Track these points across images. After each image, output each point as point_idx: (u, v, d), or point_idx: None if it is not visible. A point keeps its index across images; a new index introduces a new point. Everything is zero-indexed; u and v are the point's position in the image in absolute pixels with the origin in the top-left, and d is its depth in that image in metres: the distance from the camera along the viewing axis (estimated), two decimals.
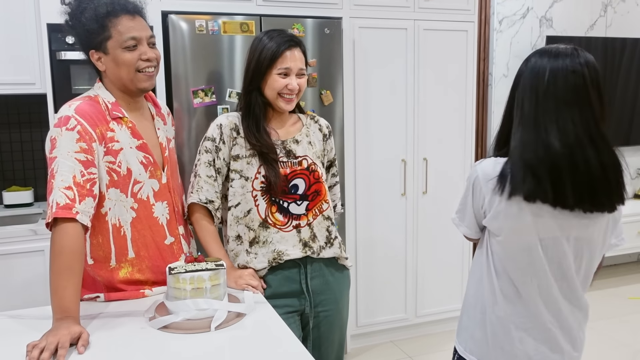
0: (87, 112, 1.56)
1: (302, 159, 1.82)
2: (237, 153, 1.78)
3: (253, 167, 1.77)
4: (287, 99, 1.77)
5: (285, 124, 1.86)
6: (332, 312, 1.87)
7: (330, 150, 1.96)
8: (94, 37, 1.58)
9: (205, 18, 2.71)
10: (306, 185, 1.81)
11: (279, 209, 1.78)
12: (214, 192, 1.78)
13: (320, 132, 1.93)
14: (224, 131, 1.78)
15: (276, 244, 1.77)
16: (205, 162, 1.78)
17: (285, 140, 1.82)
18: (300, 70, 1.78)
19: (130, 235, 1.64)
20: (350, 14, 3.03)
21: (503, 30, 4.22)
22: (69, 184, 1.47)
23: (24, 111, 3.17)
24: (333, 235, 1.87)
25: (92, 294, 1.64)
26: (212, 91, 2.75)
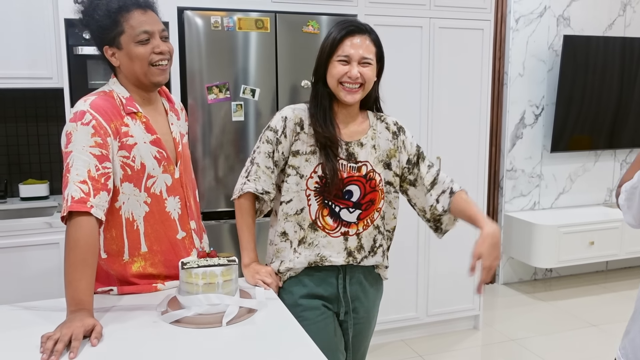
0: (102, 107, 1.57)
1: (362, 164, 1.74)
2: (297, 149, 1.72)
3: (311, 164, 1.71)
4: (348, 89, 1.67)
5: (351, 124, 1.77)
6: (363, 321, 1.84)
7: (410, 146, 1.82)
8: (108, 33, 1.60)
9: (220, 14, 2.72)
10: (361, 193, 1.74)
11: (330, 212, 1.72)
12: (271, 184, 1.74)
13: (388, 131, 1.81)
14: (288, 124, 1.72)
15: (321, 248, 1.72)
16: (265, 152, 1.73)
17: (349, 142, 1.74)
18: (363, 59, 1.67)
19: (143, 230, 1.65)
20: (366, 12, 3.02)
21: (519, 29, 4.19)
22: (84, 178, 1.48)
23: (41, 105, 3.20)
24: (378, 243, 1.80)
25: (105, 287, 1.66)
26: (227, 87, 2.76)
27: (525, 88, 4.27)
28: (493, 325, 3.68)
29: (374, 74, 1.73)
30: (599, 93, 4.33)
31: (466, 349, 3.36)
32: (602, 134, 4.45)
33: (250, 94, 2.79)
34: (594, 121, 4.38)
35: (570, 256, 4.12)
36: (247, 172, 1.76)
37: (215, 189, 2.83)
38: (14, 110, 3.16)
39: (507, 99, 4.25)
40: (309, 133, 1.72)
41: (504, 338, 3.50)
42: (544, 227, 4.04)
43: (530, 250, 4.13)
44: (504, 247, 4.41)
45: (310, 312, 1.72)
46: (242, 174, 1.78)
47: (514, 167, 4.35)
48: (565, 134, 4.31)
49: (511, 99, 4.25)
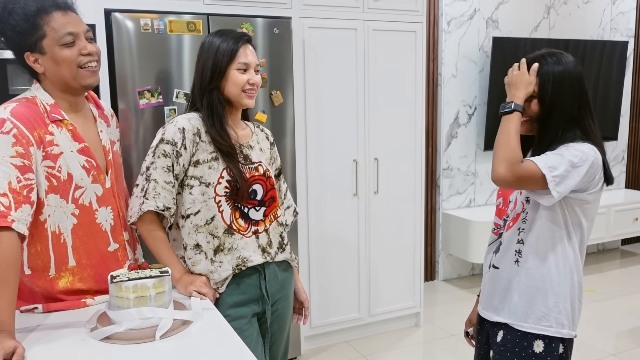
0: (24, 114, 1.49)
1: (257, 164, 1.82)
2: (198, 158, 1.72)
3: (215, 171, 1.73)
4: (250, 94, 1.77)
5: (238, 128, 1.84)
6: (284, 309, 1.92)
7: (277, 158, 1.99)
8: (27, 38, 1.52)
9: (150, 17, 2.64)
10: (264, 190, 1.81)
11: (241, 214, 1.76)
12: (172, 199, 1.71)
13: (267, 141, 1.94)
14: (187, 136, 1.70)
15: (241, 250, 1.75)
16: (162, 167, 1.69)
17: (241, 144, 1.81)
18: (257, 66, 1.80)
19: (71, 243, 1.58)
20: (300, 14, 3.02)
21: (451, 31, 4.30)
22: (4, 191, 1.40)
23: None
24: (285, 240, 1.90)
25: (29, 306, 1.57)
26: (159, 92, 2.69)
27: (459, 88, 4.39)
28: (434, 322, 3.76)
29: None
30: None
31: (409, 347, 3.41)
32: None
33: (184, 98, 2.73)
34: None
35: None
36: (143, 190, 1.70)
37: None
38: None
39: (441, 100, 4.35)
40: (207, 141, 1.74)
41: (445, 334, 3.58)
42: (480, 224, 4.16)
43: (467, 247, 4.24)
44: (443, 245, 4.51)
45: (239, 322, 1.73)
46: (138, 193, 1.71)
47: (450, 165, 4.46)
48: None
49: (445, 100, 4.35)
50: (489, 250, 1.79)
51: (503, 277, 1.67)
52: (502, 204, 1.78)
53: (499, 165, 1.54)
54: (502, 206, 1.78)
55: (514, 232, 1.66)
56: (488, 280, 1.74)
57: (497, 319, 1.67)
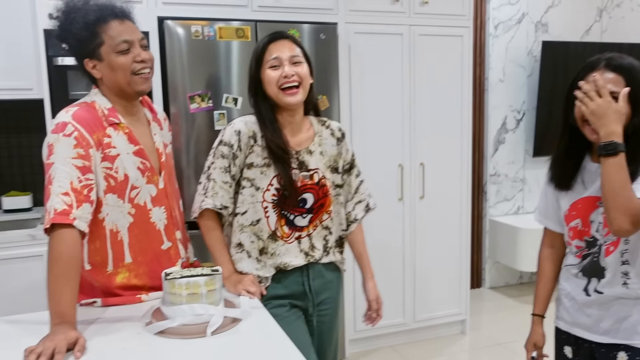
0: (84, 118, 1.57)
1: (313, 172, 1.79)
2: (252, 161, 1.74)
3: (267, 177, 1.74)
4: (288, 91, 1.69)
5: (298, 132, 1.79)
6: (331, 311, 1.91)
7: (347, 152, 1.90)
8: (87, 46, 1.60)
9: (201, 24, 2.73)
10: (314, 199, 1.79)
11: (286, 222, 1.77)
12: (229, 198, 1.76)
13: (333, 137, 1.87)
14: (242, 138, 1.73)
15: (282, 256, 1.78)
16: (220, 168, 1.74)
17: (299, 151, 1.78)
18: (293, 58, 1.71)
19: (127, 241, 1.65)
20: (346, 20, 3.04)
21: (499, 35, 4.24)
22: (67, 190, 1.48)
23: (22, 116, 3.18)
24: (330, 244, 1.87)
25: (89, 299, 1.65)
26: (209, 96, 2.76)
27: (506, 93, 4.33)
28: (480, 330, 3.70)
29: (308, 72, 1.74)
30: None
31: (454, 354, 3.37)
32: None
33: (233, 103, 2.79)
34: None
35: None
36: (204, 189, 1.77)
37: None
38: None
39: (488, 105, 4.30)
40: (262, 145, 1.74)
41: (491, 342, 3.53)
42: (529, 231, 4.07)
43: (515, 254, 4.16)
44: (490, 252, 4.44)
45: (279, 309, 1.75)
46: (200, 191, 1.78)
47: (497, 171, 4.39)
48: (547, 137, 4.36)
49: (492, 105, 4.30)
50: (574, 273, 1.68)
51: (613, 300, 1.60)
52: (581, 225, 1.64)
53: (620, 218, 1.42)
54: (582, 227, 1.64)
55: (617, 255, 1.57)
56: (591, 304, 1.64)
57: (614, 340, 1.61)
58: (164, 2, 2.73)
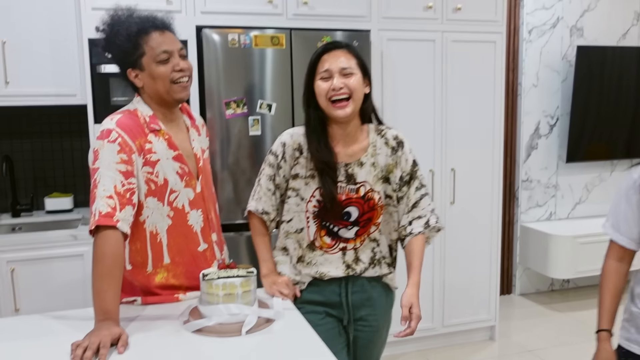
0: (127, 125, 1.65)
1: (360, 185, 1.75)
2: (297, 172, 1.76)
3: (310, 188, 1.75)
4: (338, 104, 1.67)
5: (350, 143, 1.76)
6: (370, 330, 1.86)
7: (406, 163, 1.80)
8: (130, 56, 1.68)
9: (237, 32, 2.80)
10: (359, 213, 1.76)
11: (328, 232, 1.77)
12: (271, 205, 1.81)
13: (387, 146, 1.79)
14: (287, 150, 1.77)
15: (319, 265, 1.78)
16: (267, 175, 1.80)
17: (348, 163, 1.75)
18: (343, 70, 1.67)
19: (166, 242, 1.72)
20: (379, 27, 3.08)
21: (533, 40, 4.22)
22: (111, 193, 1.55)
23: (65, 121, 3.31)
24: (378, 256, 1.82)
25: (130, 298, 1.72)
26: (244, 102, 2.83)
27: (540, 99, 4.30)
28: (509, 337, 3.69)
29: (360, 83, 1.70)
30: (615, 102, 4.33)
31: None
32: (618, 143, 4.44)
33: (267, 109, 2.86)
34: (610, 130, 4.38)
35: (588, 267, 4.09)
36: (253, 191, 1.86)
37: (234, 202, 2.90)
38: (40, 126, 3.27)
39: (521, 110, 4.27)
40: (307, 157, 1.75)
41: (520, 349, 3.51)
42: (561, 238, 4.04)
43: (546, 261, 4.13)
44: (521, 258, 4.41)
45: (312, 315, 1.75)
46: (252, 191, 1.87)
47: (530, 177, 4.36)
48: (581, 143, 4.31)
49: (525, 110, 4.27)
50: None
51: None
52: None
53: None
54: None
55: None
56: None
57: None
58: (203, 12, 2.81)
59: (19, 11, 2.86)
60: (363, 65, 1.74)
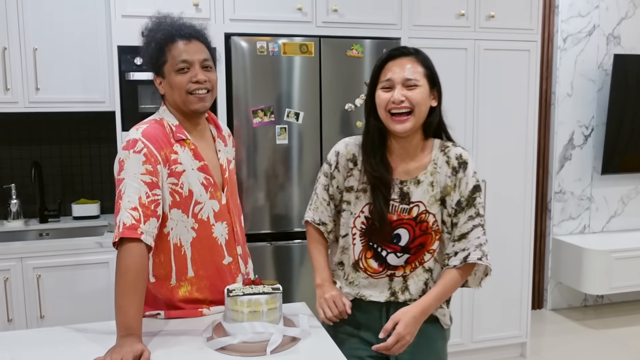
0: (153, 135, 1.62)
1: (414, 205, 1.60)
2: (351, 185, 1.66)
3: (360, 203, 1.64)
4: (397, 118, 1.53)
5: (409, 159, 1.62)
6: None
7: (465, 186, 1.60)
8: (155, 63, 1.67)
9: (266, 39, 2.77)
10: (410, 237, 1.61)
11: (375, 255, 1.64)
12: (328, 216, 1.72)
13: (448, 166, 1.61)
14: (340, 160, 1.68)
15: (362, 288, 1.68)
16: (322, 184, 1.73)
17: (404, 181, 1.61)
18: (407, 81, 1.53)
19: (190, 255, 1.69)
20: (409, 35, 3.02)
21: (567, 48, 4.11)
22: (135, 205, 1.53)
23: (93, 128, 3.32)
24: (429, 286, 1.63)
25: (153, 311, 1.69)
26: (271, 111, 2.80)
27: (574, 108, 4.18)
28: (540, 354, 3.57)
29: (425, 96, 1.56)
30: None
31: None
32: None
33: (294, 118, 2.82)
34: None
35: (623, 282, 3.96)
36: (311, 200, 1.78)
37: (260, 211, 2.86)
38: (68, 132, 3.29)
39: (554, 120, 4.16)
40: (361, 170, 1.64)
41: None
42: (595, 252, 3.91)
43: (580, 276, 4.00)
44: (553, 272, 4.28)
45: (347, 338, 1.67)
46: (310, 200, 1.80)
47: (563, 189, 4.24)
48: (617, 155, 4.18)
49: (559, 120, 4.16)
50: None
51: None
52: None
53: None
54: None
55: None
56: None
57: None
58: (232, 19, 2.80)
59: (50, 18, 2.88)
60: (431, 76, 1.60)
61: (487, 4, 3.14)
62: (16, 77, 2.88)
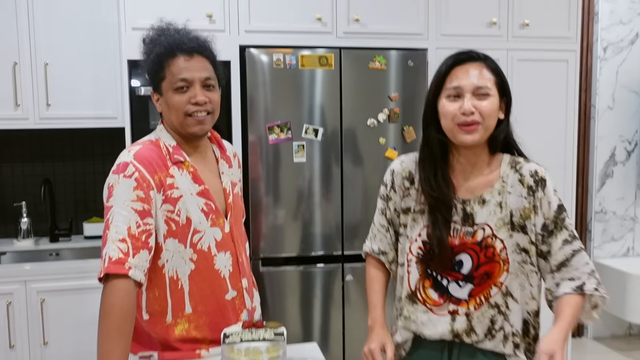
0: (147, 157, 1.47)
1: (478, 228, 1.42)
2: (408, 205, 1.50)
3: (417, 225, 1.47)
4: (465, 127, 1.37)
5: (473, 176, 1.45)
6: None
7: (548, 207, 1.41)
8: (153, 78, 1.53)
9: (283, 51, 2.62)
10: (473, 264, 1.42)
11: (434, 284, 1.45)
12: (387, 244, 1.57)
13: (522, 185, 1.43)
14: (396, 179, 1.53)
15: (420, 325, 1.46)
16: (379, 209, 1.58)
17: (467, 200, 1.44)
18: (478, 89, 1.37)
19: (187, 289, 1.52)
20: (437, 45, 2.84)
21: (608, 58, 3.85)
22: (123, 236, 1.37)
23: (106, 144, 3.22)
24: (498, 325, 1.42)
25: (146, 352, 1.52)
26: (288, 127, 2.64)
27: (616, 122, 3.91)
28: None
29: (496, 107, 1.40)
30: None
31: None
32: None
33: (313, 134, 2.65)
34: None
35: None
36: (370, 229, 1.62)
37: (277, 233, 2.69)
38: (81, 149, 3.19)
39: (595, 134, 3.90)
40: (419, 189, 1.48)
41: None
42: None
43: (624, 303, 3.70)
44: None
45: None
46: None
47: (604, 208, 3.96)
48: None
49: (600, 134, 3.90)
50: None
51: None
52: None
53: None
54: None
55: None
56: None
57: None
58: (247, 31, 2.66)
59: (62, 32, 2.80)
60: (502, 84, 1.43)
61: (521, 11, 2.94)
62: (27, 93, 2.79)
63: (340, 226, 2.74)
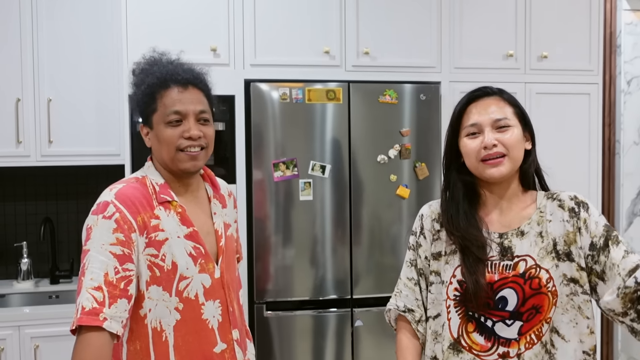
0: (129, 197, 1.36)
1: (520, 260, 1.33)
2: (438, 250, 1.42)
3: (450, 267, 1.38)
4: (490, 161, 1.33)
5: (507, 209, 1.40)
6: None
7: (595, 226, 1.32)
8: (143, 110, 1.43)
9: (289, 85, 2.53)
10: (519, 298, 1.31)
11: (478, 327, 1.34)
12: (414, 299, 1.45)
13: (563, 210, 1.36)
14: (425, 223, 1.46)
15: None
16: (407, 261, 1.48)
17: (504, 233, 1.36)
18: (497, 122, 1.33)
19: (172, 342, 1.38)
20: (450, 78, 2.73)
21: (632, 91, 3.69)
22: (99, 284, 1.25)
23: (111, 181, 3.07)
24: None
25: None
26: (294, 164, 2.52)
27: None
28: None
29: (520, 138, 1.35)
30: None
31: None
32: None
33: (320, 171, 2.53)
34: None
35: None
36: (396, 286, 1.50)
37: (283, 275, 2.55)
38: (85, 186, 3.11)
39: (620, 171, 3.71)
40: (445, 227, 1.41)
41: None
42: None
43: None
44: (623, 345, 3.74)
45: None
46: None
47: (632, 248, 3.74)
48: None
49: (626, 171, 3.71)
50: None
51: None
52: None
53: None
54: None
55: None
56: None
57: None
58: (252, 64, 2.58)
59: (66, 67, 2.77)
60: (522, 115, 1.39)
61: (539, 43, 2.83)
62: (29, 130, 2.74)
63: (349, 268, 2.59)
